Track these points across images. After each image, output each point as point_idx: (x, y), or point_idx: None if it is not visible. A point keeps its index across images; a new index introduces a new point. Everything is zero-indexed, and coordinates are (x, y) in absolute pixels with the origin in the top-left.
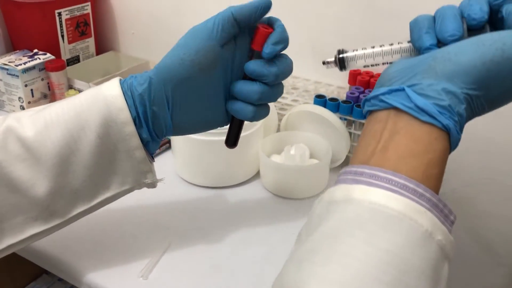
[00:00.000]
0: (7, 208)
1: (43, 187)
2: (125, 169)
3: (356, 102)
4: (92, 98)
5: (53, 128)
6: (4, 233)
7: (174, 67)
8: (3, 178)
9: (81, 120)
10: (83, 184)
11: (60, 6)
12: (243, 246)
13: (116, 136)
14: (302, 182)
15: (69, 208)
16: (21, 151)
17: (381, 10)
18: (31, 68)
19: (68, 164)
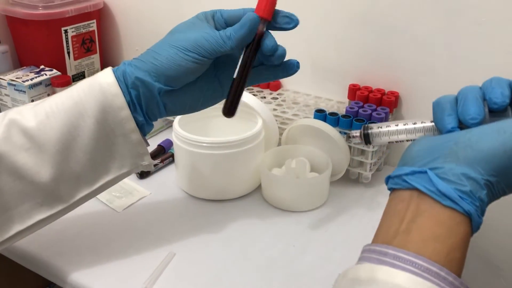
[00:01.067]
0: (14, 196)
1: (47, 173)
2: (123, 152)
3: (355, 116)
4: (88, 87)
5: (53, 118)
6: (13, 220)
7: (169, 70)
8: (9, 167)
9: (79, 108)
10: (85, 168)
11: (67, 23)
12: (244, 258)
13: (113, 120)
14: (303, 195)
15: (72, 193)
16: (24, 141)
17: (380, 27)
18: (38, 84)
19: (70, 150)
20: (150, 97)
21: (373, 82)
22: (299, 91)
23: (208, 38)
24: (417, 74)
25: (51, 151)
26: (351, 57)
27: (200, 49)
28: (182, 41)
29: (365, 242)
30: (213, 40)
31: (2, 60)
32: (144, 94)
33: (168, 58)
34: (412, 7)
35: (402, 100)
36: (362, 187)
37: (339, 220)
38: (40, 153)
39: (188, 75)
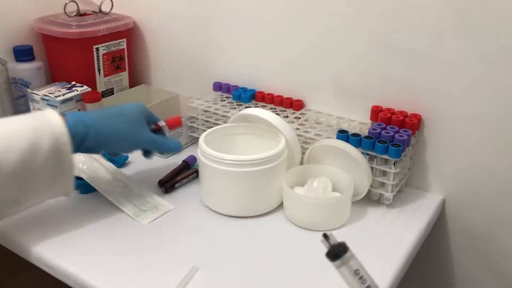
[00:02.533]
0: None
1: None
2: (57, 183)
3: (377, 138)
4: (41, 126)
5: (11, 152)
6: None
7: (113, 148)
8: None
9: (34, 147)
10: (25, 193)
11: (98, 42)
12: (266, 276)
13: (59, 158)
14: (325, 214)
15: (8, 212)
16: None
17: (403, 50)
18: (69, 99)
19: (20, 180)
20: (86, 144)
21: (396, 104)
22: (322, 111)
23: (153, 145)
24: (440, 97)
25: (3, 180)
26: (374, 79)
27: (144, 147)
28: (135, 138)
29: (386, 263)
30: (155, 146)
31: (37, 76)
32: (81, 139)
33: (116, 141)
34: (436, 30)
35: (424, 123)
36: (383, 207)
37: (360, 240)
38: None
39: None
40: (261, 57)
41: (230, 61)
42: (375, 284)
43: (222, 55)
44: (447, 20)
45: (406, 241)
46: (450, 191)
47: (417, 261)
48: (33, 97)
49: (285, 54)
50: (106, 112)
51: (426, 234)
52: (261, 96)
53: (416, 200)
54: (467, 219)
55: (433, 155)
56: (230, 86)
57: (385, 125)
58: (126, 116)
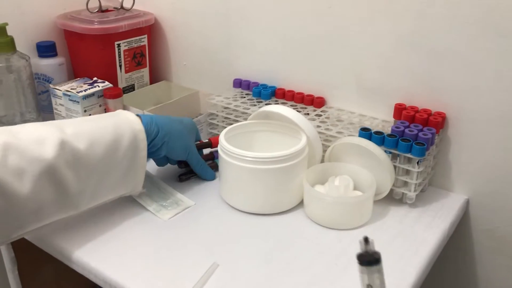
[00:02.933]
0: (48, 202)
1: (79, 187)
2: (129, 180)
3: (401, 136)
4: (123, 123)
5: (97, 146)
6: (38, 220)
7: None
8: (56, 177)
9: (116, 141)
10: (102, 187)
11: (120, 38)
12: (285, 273)
13: (135, 155)
14: (346, 213)
15: (85, 204)
16: (72, 160)
17: (428, 48)
18: (91, 95)
19: (102, 174)
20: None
21: (420, 102)
22: (344, 109)
23: (195, 161)
24: (465, 95)
25: (89, 172)
26: (397, 76)
27: (186, 159)
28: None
29: (408, 263)
30: (196, 163)
31: (59, 72)
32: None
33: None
34: (462, 28)
35: (449, 121)
36: (406, 207)
37: (382, 239)
38: (81, 171)
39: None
40: (282, 53)
41: (251, 57)
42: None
43: (242, 52)
44: (473, 17)
45: (428, 242)
46: (474, 191)
47: (439, 262)
48: (55, 93)
49: (306, 51)
50: (169, 117)
51: (449, 235)
52: (281, 93)
53: (439, 200)
54: (491, 220)
55: (458, 154)
56: (250, 83)
57: (409, 123)
58: (186, 125)
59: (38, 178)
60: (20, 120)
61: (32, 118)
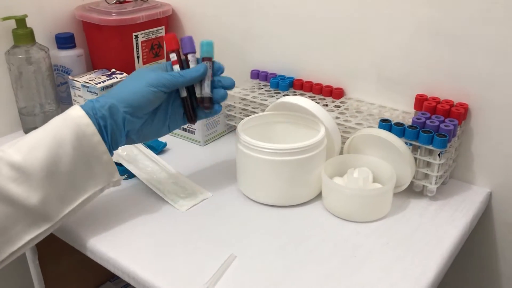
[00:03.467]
0: (7, 222)
1: (36, 197)
2: (97, 172)
3: (422, 127)
4: (63, 122)
5: (36, 150)
6: (7, 243)
7: (134, 100)
8: (2, 196)
9: (57, 139)
10: (67, 189)
11: (138, 29)
12: (303, 266)
13: (88, 145)
14: (365, 206)
15: (57, 212)
16: (12, 173)
17: (450, 36)
18: (109, 86)
19: (54, 175)
20: (115, 126)
21: (441, 93)
22: (363, 100)
23: (167, 76)
24: (489, 86)
25: (38, 177)
26: (418, 67)
27: (160, 84)
28: (146, 78)
29: (429, 256)
30: (170, 77)
31: (77, 63)
32: (111, 124)
33: (133, 91)
34: (485, 16)
35: (471, 112)
36: (426, 200)
37: (401, 233)
38: (28, 181)
39: (148, 105)
40: (300, 44)
41: (268, 48)
42: None
43: (260, 43)
44: (497, 4)
45: (450, 235)
46: (497, 184)
47: (461, 257)
48: (74, 84)
49: (325, 41)
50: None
51: (471, 229)
52: (299, 84)
53: (461, 193)
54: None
55: (480, 146)
56: (268, 74)
57: (430, 115)
58: (135, 73)
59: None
60: (39, 111)
61: (51, 110)
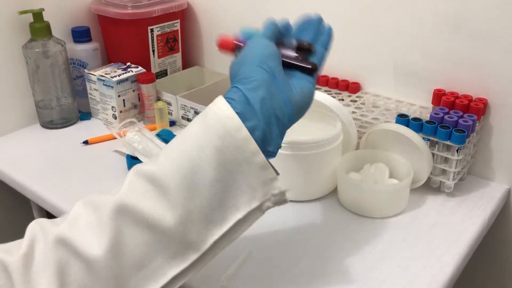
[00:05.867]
0: (144, 251)
1: (173, 216)
2: (249, 181)
3: (440, 123)
4: (202, 118)
5: (172, 156)
6: (147, 279)
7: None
8: (134, 216)
9: (197, 140)
10: (211, 204)
11: (153, 23)
12: (319, 261)
13: (233, 143)
14: (381, 201)
15: (203, 237)
16: (146, 186)
17: (469, 30)
18: (125, 80)
19: (193, 185)
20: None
21: (460, 87)
22: (380, 94)
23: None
24: (509, 81)
25: (174, 189)
26: (437, 61)
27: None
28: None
29: (446, 253)
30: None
31: (93, 57)
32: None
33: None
34: (505, 9)
35: (491, 108)
36: (443, 196)
37: (418, 229)
38: (164, 195)
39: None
40: None
41: None
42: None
43: None
44: None
45: (467, 232)
46: None
47: (478, 254)
48: (90, 78)
49: (341, 34)
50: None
51: (489, 225)
52: None
53: (479, 189)
54: None
55: (499, 142)
56: None
57: (448, 110)
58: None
59: (109, 222)
60: (56, 104)
61: (67, 103)
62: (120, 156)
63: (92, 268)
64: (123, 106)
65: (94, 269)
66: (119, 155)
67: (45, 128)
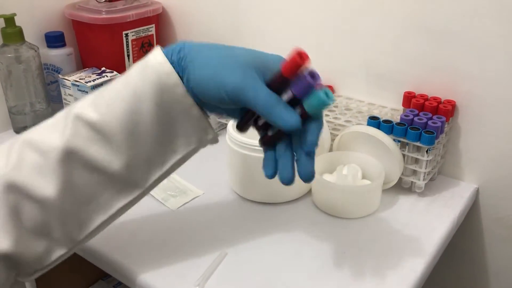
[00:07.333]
0: (92, 189)
1: (119, 161)
2: (186, 129)
3: (410, 124)
4: (141, 70)
5: (114, 107)
6: (96, 212)
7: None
8: (83, 161)
9: (137, 93)
10: (153, 151)
11: (128, 27)
12: (294, 262)
13: (171, 99)
14: (354, 202)
15: (146, 177)
16: (92, 134)
17: (438, 33)
18: (99, 85)
19: (135, 135)
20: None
21: (429, 90)
22: (352, 97)
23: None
24: (476, 82)
25: (118, 140)
26: (406, 64)
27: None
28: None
29: (417, 252)
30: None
31: (67, 62)
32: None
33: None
34: (473, 12)
35: (459, 109)
36: (415, 196)
37: (390, 229)
38: (109, 143)
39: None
40: (290, 41)
41: (260, 46)
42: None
43: (252, 41)
44: (485, 0)
45: (438, 231)
46: (484, 180)
47: (449, 252)
48: (64, 83)
49: (314, 38)
50: (215, 44)
51: (458, 224)
52: None
53: (449, 189)
54: (501, 208)
55: (468, 143)
56: None
57: (418, 112)
58: (236, 53)
59: (58, 167)
60: (30, 110)
61: (41, 108)
62: None
63: (46, 207)
64: None
65: (48, 208)
66: None
67: (19, 134)
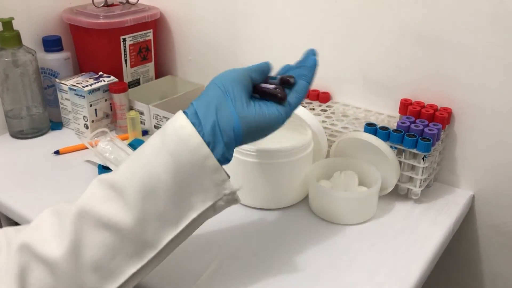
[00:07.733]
0: (103, 251)
1: (130, 216)
2: (202, 182)
3: (406, 131)
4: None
5: (132, 166)
6: (106, 278)
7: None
8: (95, 219)
9: (155, 150)
10: (167, 206)
11: (125, 32)
12: (290, 268)
13: (185, 150)
14: (350, 208)
15: (159, 236)
16: (106, 191)
17: (435, 42)
18: (96, 89)
19: (149, 188)
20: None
21: (426, 97)
22: (349, 104)
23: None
24: (472, 90)
25: (131, 192)
26: (403, 71)
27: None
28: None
29: (413, 258)
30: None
31: (65, 66)
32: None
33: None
34: (469, 22)
35: (455, 117)
36: (411, 202)
37: (386, 235)
38: (121, 197)
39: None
40: (287, 47)
41: (257, 52)
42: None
43: (248, 46)
44: (482, 10)
45: (433, 237)
46: (480, 187)
47: (445, 258)
48: (61, 87)
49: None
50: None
51: (454, 231)
52: None
53: (445, 196)
54: (497, 216)
55: (464, 150)
56: None
57: (415, 119)
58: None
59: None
60: (26, 114)
61: (38, 113)
62: (92, 166)
63: (53, 269)
64: (95, 115)
65: (55, 270)
66: (91, 165)
67: (15, 138)
